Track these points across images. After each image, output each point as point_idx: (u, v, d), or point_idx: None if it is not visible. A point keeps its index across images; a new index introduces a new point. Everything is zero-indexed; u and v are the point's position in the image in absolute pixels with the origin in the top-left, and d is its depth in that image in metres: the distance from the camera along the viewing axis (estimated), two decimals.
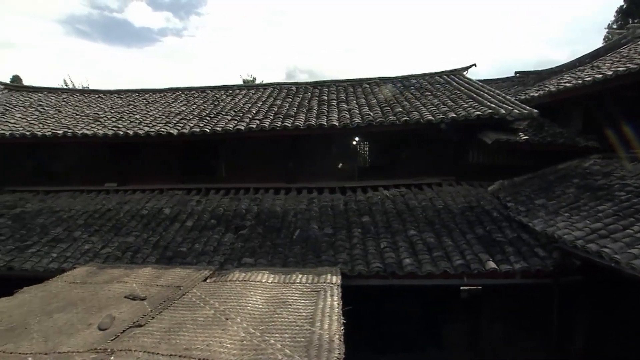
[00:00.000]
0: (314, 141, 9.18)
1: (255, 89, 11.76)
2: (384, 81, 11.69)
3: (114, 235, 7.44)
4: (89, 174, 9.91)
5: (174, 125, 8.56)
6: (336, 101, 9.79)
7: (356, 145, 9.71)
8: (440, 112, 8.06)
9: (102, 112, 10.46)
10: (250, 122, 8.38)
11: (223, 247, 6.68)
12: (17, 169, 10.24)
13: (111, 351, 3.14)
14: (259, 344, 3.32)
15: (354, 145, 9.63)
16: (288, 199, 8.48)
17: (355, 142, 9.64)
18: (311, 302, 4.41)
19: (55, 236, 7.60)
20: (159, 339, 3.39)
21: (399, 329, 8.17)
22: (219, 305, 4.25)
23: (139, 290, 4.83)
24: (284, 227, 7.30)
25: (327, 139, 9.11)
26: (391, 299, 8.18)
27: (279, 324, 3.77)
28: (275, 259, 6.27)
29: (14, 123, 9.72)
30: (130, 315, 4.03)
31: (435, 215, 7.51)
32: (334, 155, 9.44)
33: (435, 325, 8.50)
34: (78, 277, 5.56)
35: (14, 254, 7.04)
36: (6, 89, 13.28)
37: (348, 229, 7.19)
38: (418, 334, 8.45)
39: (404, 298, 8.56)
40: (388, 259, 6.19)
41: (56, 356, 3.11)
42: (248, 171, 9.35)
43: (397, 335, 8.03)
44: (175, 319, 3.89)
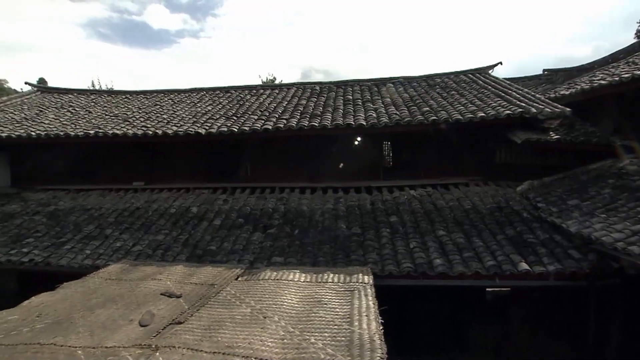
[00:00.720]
0: (339, 141, 9.19)
1: (278, 89, 11.83)
2: (408, 80, 11.61)
3: (144, 233, 7.58)
4: (117, 173, 10.13)
5: (201, 125, 8.68)
6: (361, 100, 9.77)
7: (381, 145, 9.66)
8: (468, 112, 7.97)
9: (130, 113, 10.68)
10: (277, 121, 8.44)
11: (252, 245, 6.74)
12: (49, 168, 10.53)
13: (155, 347, 3.19)
14: (299, 342, 3.34)
15: (379, 144, 9.58)
16: (314, 199, 8.50)
17: (381, 141, 9.59)
18: (346, 302, 4.41)
19: (88, 234, 7.79)
20: (200, 336, 3.43)
21: (424, 331, 8.11)
22: (255, 303, 4.28)
23: (174, 288, 4.91)
24: (311, 226, 7.32)
25: (353, 138, 9.11)
26: (415, 300, 8.13)
27: (317, 323, 3.77)
28: (305, 258, 6.30)
29: (48, 124, 10.01)
30: (168, 313, 4.09)
31: (464, 216, 7.42)
32: (359, 155, 9.42)
33: (460, 328, 8.42)
34: (113, 274, 5.67)
35: (50, 250, 7.25)
36: (39, 91, 13.70)
37: (376, 228, 7.17)
38: (443, 336, 8.38)
39: (429, 299, 8.51)
40: (418, 259, 6.15)
41: (104, 351, 3.18)
42: (273, 170, 9.41)
43: (422, 337, 7.97)
44: (214, 316, 3.94)
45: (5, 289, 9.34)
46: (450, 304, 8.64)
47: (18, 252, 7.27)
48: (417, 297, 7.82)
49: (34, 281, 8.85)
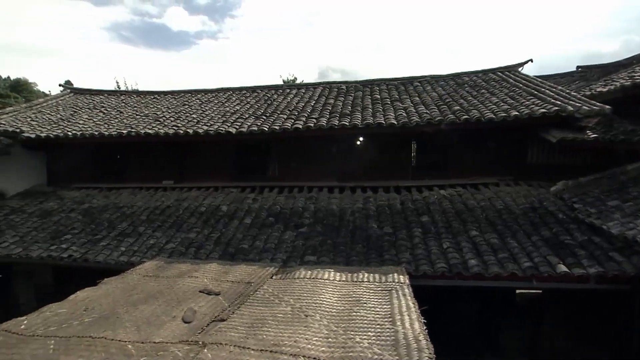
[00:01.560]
0: (367, 140, 9.16)
1: (305, 89, 11.85)
2: (436, 79, 11.49)
3: (175, 231, 7.71)
4: (147, 172, 10.34)
5: (231, 124, 8.78)
6: (390, 100, 9.70)
7: (409, 144, 9.57)
8: (501, 110, 7.82)
9: (160, 112, 10.87)
10: (307, 120, 8.46)
11: (284, 244, 6.78)
12: (82, 167, 10.83)
13: (203, 344, 3.23)
14: (345, 341, 3.33)
15: (407, 144, 9.50)
16: (343, 198, 8.49)
17: (409, 141, 9.51)
18: (385, 301, 4.38)
19: (122, 231, 7.97)
20: (245, 334, 3.46)
21: (454, 332, 8.01)
22: (294, 302, 4.29)
23: (211, 286, 4.96)
24: (342, 225, 7.31)
25: (381, 137, 9.05)
26: (445, 301, 8.04)
27: (360, 322, 3.76)
28: (338, 258, 6.29)
29: (83, 124, 10.29)
30: (209, 310, 4.14)
31: (496, 216, 7.30)
32: (387, 154, 9.35)
33: (491, 330, 8.29)
34: (150, 271, 5.77)
35: (87, 247, 7.45)
36: (72, 93, 14.09)
37: (408, 228, 7.11)
38: (473, 338, 8.26)
39: (458, 301, 8.41)
40: (452, 259, 6.08)
41: (152, 346, 3.23)
42: (301, 170, 9.44)
43: (452, 339, 7.87)
44: (255, 314, 3.96)
45: (42, 283, 9.69)
46: (480, 306, 8.53)
47: (58, 248, 7.49)
48: (447, 298, 7.73)
49: (68, 276, 9.18)
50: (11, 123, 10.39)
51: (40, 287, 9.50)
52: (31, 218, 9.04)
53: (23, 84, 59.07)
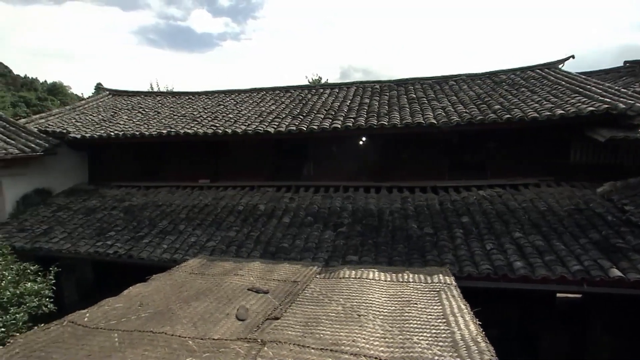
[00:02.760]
0: (404, 140, 9.06)
1: (338, 88, 11.83)
2: (471, 78, 11.28)
3: (215, 229, 7.82)
4: (184, 171, 10.57)
5: (269, 124, 8.85)
6: (426, 99, 9.58)
7: (446, 144, 9.42)
8: (544, 109, 7.61)
9: (197, 113, 11.08)
10: (345, 120, 8.44)
11: (325, 244, 6.78)
12: (121, 166, 11.16)
13: (262, 342, 3.26)
14: (402, 341, 3.30)
15: (444, 143, 9.35)
16: (381, 198, 8.44)
17: (446, 140, 9.36)
18: (435, 302, 4.33)
19: (163, 229, 8.15)
20: (302, 332, 3.47)
21: (492, 335, 7.81)
22: (344, 301, 4.29)
23: (258, 284, 5.01)
24: (382, 225, 7.26)
25: (418, 137, 8.94)
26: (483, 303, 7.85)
27: (414, 323, 3.72)
28: (380, 258, 6.25)
29: (123, 124, 10.59)
30: (261, 308, 4.17)
31: (540, 217, 7.10)
32: (424, 154, 9.24)
33: (531, 335, 8.07)
34: (195, 269, 5.87)
35: (131, 244, 7.65)
36: (110, 94, 14.54)
37: (448, 229, 7.00)
38: (513, 342, 8.05)
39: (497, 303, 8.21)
40: (497, 261, 5.95)
41: (212, 342, 3.28)
42: (336, 169, 9.44)
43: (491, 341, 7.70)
44: (307, 313, 3.97)
45: (83, 278, 10.03)
46: (519, 309, 8.31)
47: (103, 245, 7.73)
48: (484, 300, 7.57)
49: (106, 271, 9.48)
50: (58, 124, 10.82)
51: (80, 281, 9.86)
52: (77, 215, 9.36)
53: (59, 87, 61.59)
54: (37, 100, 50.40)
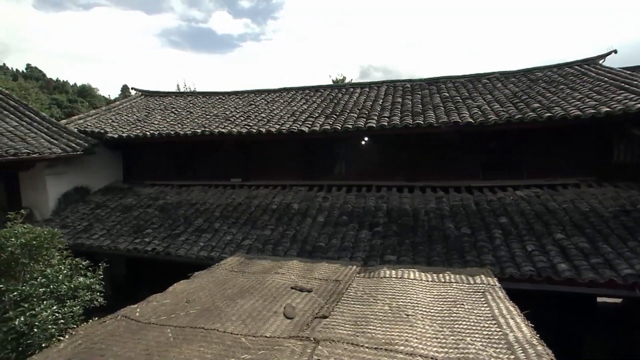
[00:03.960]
0: (437, 139, 8.95)
1: (368, 87, 11.77)
2: (505, 75, 11.05)
3: (250, 228, 7.89)
4: (216, 169, 10.70)
5: (302, 123, 8.88)
6: (460, 98, 9.43)
7: (480, 143, 9.25)
8: (587, 107, 7.38)
9: (228, 112, 11.21)
10: (380, 119, 8.40)
11: (362, 243, 6.76)
12: (154, 164, 11.41)
13: (315, 340, 3.26)
14: (455, 342, 3.26)
15: (478, 142, 9.19)
16: (415, 197, 8.36)
17: (480, 139, 9.19)
18: (481, 303, 4.25)
19: (198, 227, 8.27)
20: (353, 331, 3.46)
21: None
22: (389, 301, 4.26)
23: (300, 283, 5.02)
24: (418, 225, 7.19)
25: (451, 136, 8.81)
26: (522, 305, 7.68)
27: (463, 324, 3.67)
28: (418, 258, 6.19)
29: (157, 124, 10.81)
30: (307, 306, 4.18)
31: (582, 219, 6.89)
32: (457, 153, 9.11)
33: (574, 339, 7.86)
34: (235, 267, 5.94)
35: (168, 241, 7.80)
36: (143, 95, 14.87)
37: (486, 229, 6.88)
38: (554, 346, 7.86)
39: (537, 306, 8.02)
40: (539, 262, 5.81)
41: (265, 340, 3.30)
42: (368, 168, 9.40)
43: None
44: (355, 312, 3.96)
45: (117, 274, 10.30)
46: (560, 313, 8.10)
47: (141, 242, 7.90)
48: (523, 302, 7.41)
49: (137, 267, 9.71)
50: (96, 125, 11.13)
51: (115, 277, 10.13)
52: (114, 213, 9.61)
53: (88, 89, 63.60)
54: (68, 102, 52.20)
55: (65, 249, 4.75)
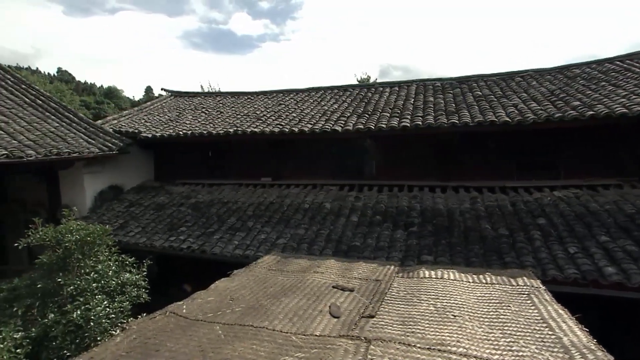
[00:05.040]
0: (470, 138, 8.80)
1: (398, 87, 11.68)
2: (539, 73, 10.79)
3: (284, 227, 7.94)
4: (246, 168, 10.80)
5: (335, 123, 8.89)
6: (494, 96, 9.26)
7: (514, 143, 9.05)
8: (634, 104, 7.13)
9: (259, 112, 11.30)
10: (414, 119, 8.33)
11: (397, 243, 6.72)
12: (185, 163, 11.60)
13: (366, 339, 3.25)
14: (508, 345, 3.20)
15: (512, 142, 8.98)
16: (448, 197, 8.25)
17: (515, 139, 8.99)
18: (529, 306, 4.17)
19: (232, 225, 8.37)
20: (402, 331, 3.44)
21: None
22: (434, 301, 4.21)
23: (340, 282, 5.03)
24: (453, 226, 7.10)
25: (484, 136, 8.66)
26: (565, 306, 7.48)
27: (513, 326, 3.60)
28: (456, 258, 6.11)
29: (189, 124, 11.00)
30: (351, 306, 4.17)
31: (628, 221, 6.65)
32: (490, 153, 8.94)
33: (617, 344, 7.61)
34: (272, 265, 5.97)
35: (203, 239, 7.92)
36: (172, 96, 15.16)
37: (525, 230, 6.73)
38: None
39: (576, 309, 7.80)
40: (583, 265, 5.65)
41: (316, 338, 3.31)
42: (400, 168, 9.33)
43: None
44: (400, 312, 3.93)
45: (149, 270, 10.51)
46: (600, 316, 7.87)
47: (176, 240, 8.04)
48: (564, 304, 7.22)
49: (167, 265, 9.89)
50: (129, 125, 11.40)
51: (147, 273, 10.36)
52: (148, 211, 9.82)
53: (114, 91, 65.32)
54: (95, 104, 53.69)
55: (113, 246, 4.87)
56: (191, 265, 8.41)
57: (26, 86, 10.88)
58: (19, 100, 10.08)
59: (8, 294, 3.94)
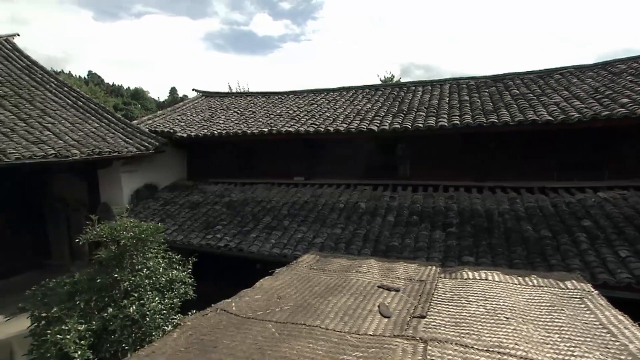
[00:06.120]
0: (507, 138, 8.62)
1: (431, 85, 11.54)
2: (580, 70, 10.45)
3: (320, 226, 7.96)
4: (278, 168, 10.87)
5: (370, 122, 8.86)
6: (532, 94, 9.03)
7: (554, 142, 8.80)
8: None
9: (292, 111, 11.36)
10: (451, 118, 8.22)
11: (437, 244, 6.65)
12: (216, 163, 11.78)
13: (422, 340, 3.22)
14: (569, 350, 3.10)
15: (551, 142, 8.74)
16: (485, 198, 8.11)
17: (554, 138, 8.75)
18: (583, 310, 4.03)
19: (267, 224, 8.44)
20: (457, 332, 3.39)
21: None
22: (483, 303, 4.14)
23: (385, 282, 5.00)
24: (493, 227, 6.98)
25: (524, 135, 8.46)
26: None
27: (571, 331, 3.49)
28: (499, 260, 6.01)
29: (223, 123, 11.16)
30: (400, 306, 4.14)
31: None
32: (529, 153, 8.73)
33: None
34: (313, 264, 5.97)
35: (240, 238, 8.01)
36: (203, 96, 15.41)
37: (569, 232, 6.55)
38: None
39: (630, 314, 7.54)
40: (637, 270, 5.45)
41: (371, 338, 3.30)
42: (434, 168, 9.22)
43: None
44: (451, 313, 3.88)
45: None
46: None
47: (213, 238, 8.17)
48: None
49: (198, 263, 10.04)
50: (164, 125, 11.65)
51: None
52: (183, 209, 10.01)
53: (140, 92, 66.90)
54: (123, 105, 55.08)
55: (162, 243, 4.99)
56: (222, 263, 8.52)
57: (68, 88, 11.26)
58: (62, 102, 10.44)
59: (71, 288, 4.09)
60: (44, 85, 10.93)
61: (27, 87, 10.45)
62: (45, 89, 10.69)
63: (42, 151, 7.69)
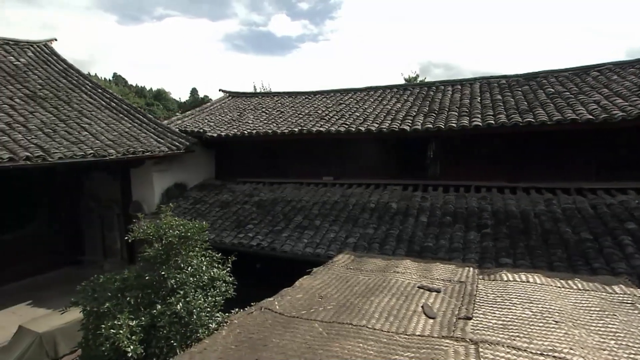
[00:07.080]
0: (542, 137, 8.43)
1: (461, 85, 11.39)
2: (620, 66, 10.08)
3: (352, 226, 7.95)
4: (307, 167, 10.90)
5: (402, 122, 8.81)
6: (569, 93, 8.81)
7: (592, 142, 8.56)
8: None
9: (320, 111, 11.39)
10: (484, 117, 8.10)
11: (472, 245, 6.57)
12: (246, 162, 11.89)
13: (472, 341, 3.20)
14: (629, 357, 3.04)
15: (589, 141, 8.50)
16: (520, 199, 7.96)
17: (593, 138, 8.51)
18: (637, 316, 3.94)
19: (299, 223, 8.48)
20: (506, 334, 3.35)
21: None
22: (528, 305, 4.07)
23: (424, 282, 4.97)
24: (530, 228, 6.84)
25: (560, 135, 8.26)
26: None
27: (628, 338, 3.40)
28: (538, 262, 5.89)
29: (252, 123, 11.27)
30: (443, 307, 4.11)
31: None
32: (565, 153, 8.52)
33: None
34: (349, 264, 5.98)
35: (272, 237, 8.08)
36: (230, 96, 15.59)
37: (611, 235, 6.37)
38: None
39: None
40: None
41: (420, 339, 3.28)
42: (465, 168, 9.10)
43: None
44: (496, 315, 3.83)
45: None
46: None
47: (245, 237, 8.26)
48: None
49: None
50: (193, 125, 11.84)
51: None
52: (213, 208, 10.15)
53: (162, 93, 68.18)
54: (146, 105, 56.23)
55: (204, 242, 5.08)
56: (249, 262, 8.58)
57: (102, 90, 11.57)
58: (97, 103, 10.74)
59: (121, 284, 4.22)
60: (80, 87, 11.26)
61: (65, 89, 10.79)
62: (81, 91, 11.02)
63: (82, 151, 7.93)
